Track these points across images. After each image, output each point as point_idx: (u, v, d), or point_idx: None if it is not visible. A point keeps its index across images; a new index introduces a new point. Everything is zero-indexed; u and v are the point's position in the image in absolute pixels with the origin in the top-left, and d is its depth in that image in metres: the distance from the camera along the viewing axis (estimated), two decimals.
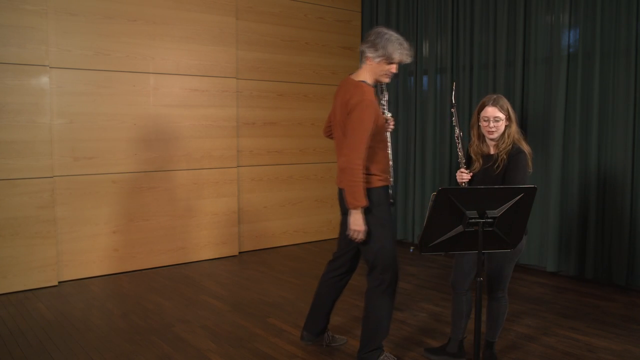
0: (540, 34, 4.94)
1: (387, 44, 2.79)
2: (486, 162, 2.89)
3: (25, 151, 4.42)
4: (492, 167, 2.84)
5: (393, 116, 3.19)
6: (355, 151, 2.74)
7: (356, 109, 2.76)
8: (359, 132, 2.75)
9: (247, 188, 5.78)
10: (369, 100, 2.79)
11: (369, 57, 2.85)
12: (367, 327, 2.98)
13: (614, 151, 4.53)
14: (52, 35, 4.51)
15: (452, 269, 3.11)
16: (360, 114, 2.76)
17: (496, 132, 2.82)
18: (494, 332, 3.05)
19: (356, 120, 2.76)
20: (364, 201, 2.77)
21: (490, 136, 2.84)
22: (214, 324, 3.75)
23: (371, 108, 2.78)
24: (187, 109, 5.26)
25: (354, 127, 2.77)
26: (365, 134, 2.75)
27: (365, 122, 2.75)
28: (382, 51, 2.80)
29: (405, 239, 6.30)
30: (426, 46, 5.95)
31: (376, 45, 2.80)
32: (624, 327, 3.69)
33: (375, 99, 2.89)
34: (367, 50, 2.84)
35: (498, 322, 3.02)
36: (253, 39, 5.69)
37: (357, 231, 2.83)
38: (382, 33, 2.83)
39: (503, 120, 2.81)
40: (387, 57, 2.82)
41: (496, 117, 2.80)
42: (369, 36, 2.87)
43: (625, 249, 4.42)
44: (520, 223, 2.47)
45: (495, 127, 2.80)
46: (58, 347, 3.36)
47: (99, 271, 4.87)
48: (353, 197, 2.75)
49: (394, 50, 2.81)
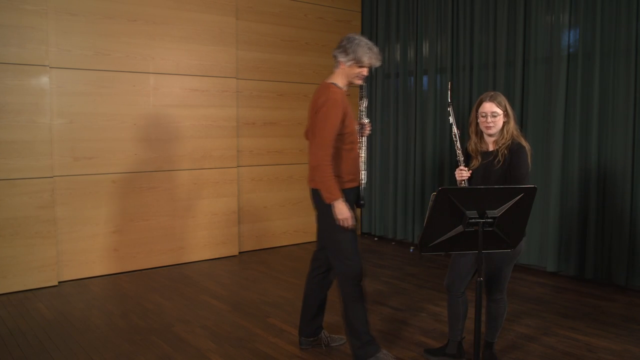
0: (540, 34, 4.94)
1: (357, 49, 2.93)
2: (485, 158, 2.89)
3: (25, 151, 4.42)
4: (492, 162, 2.84)
5: (371, 122, 3.33)
6: (323, 149, 2.88)
7: (322, 108, 2.91)
8: (325, 129, 2.89)
9: (247, 188, 5.78)
10: (335, 99, 2.91)
11: (341, 61, 3.00)
12: (346, 321, 3.07)
13: (614, 151, 4.53)
14: (52, 35, 4.51)
15: (447, 271, 3.11)
16: (327, 112, 2.89)
17: (494, 127, 2.83)
18: (493, 333, 3.05)
19: (322, 118, 2.90)
20: (339, 193, 2.90)
21: (489, 131, 2.85)
22: (214, 324, 3.75)
23: (337, 107, 2.90)
24: (187, 109, 5.26)
25: (320, 125, 2.90)
26: (331, 132, 2.89)
27: (331, 119, 2.88)
28: (353, 55, 2.94)
29: (405, 238, 6.31)
30: (426, 46, 5.95)
31: (347, 49, 2.94)
32: (624, 327, 3.69)
33: (346, 100, 3.00)
34: (338, 54, 3.00)
35: (497, 323, 3.02)
36: (253, 39, 5.70)
37: (344, 219, 2.93)
38: (352, 38, 2.98)
39: (501, 115, 2.83)
40: (357, 61, 2.96)
41: (493, 112, 2.82)
42: (341, 42, 3.02)
43: (625, 249, 4.42)
44: (521, 223, 2.47)
45: (493, 122, 2.82)
46: (58, 347, 3.36)
47: (99, 271, 4.87)
48: (329, 192, 2.90)
49: (363, 54, 2.94)
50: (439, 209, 2.34)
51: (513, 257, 2.87)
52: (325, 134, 2.88)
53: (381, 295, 4.35)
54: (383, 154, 6.50)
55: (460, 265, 2.99)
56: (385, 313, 3.94)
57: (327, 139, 2.88)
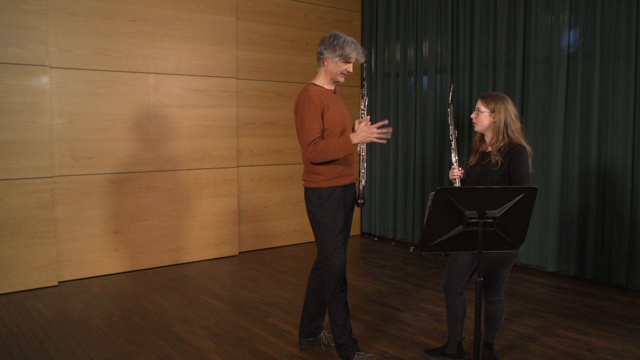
0: (540, 34, 4.94)
1: (345, 45, 2.97)
2: (484, 158, 2.94)
3: (25, 151, 4.42)
4: (489, 164, 2.89)
5: (371, 117, 3.36)
6: (307, 145, 2.90)
7: (297, 109, 2.98)
8: (304, 128, 2.91)
9: (247, 188, 5.78)
10: (307, 97, 2.94)
11: (327, 57, 3.01)
12: (328, 314, 3.12)
13: (614, 151, 4.53)
14: (52, 35, 4.51)
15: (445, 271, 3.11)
16: (301, 111, 2.93)
17: (478, 124, 2.94)
18: (492, 334, 3.05)
19: (299, 119, 2.95)
20: (346, 140, 2.90)
21: (475, 127, 2.97)
22: (214, 324, 3.75)
23: (310, 103, 2.93)
24: (187, 109, 5.26)
25: (298, 126, 2.96)
26: (311, 127, 2.90)
27: (307, 116, 2.91)
28: (340, 51, 2.97)
29: (405, 239, 6.31)
30: (426, 46, 5.95)
31: (334, 46, 2.98)
32: (624, 327, 3.69)
33: (323, 96, 2.99)
34: (324, 50, 3.01)
35: (496, 324, 3.02)
36: (253, 39, 5.70)
37: (369, 137, 2.93)
38: (337, 35, 3.01)
39: (486, 113, 2.90)
40: (345, 57, 2.99)
41: (478, 108, 2.93)
42: (325, 39, 3.03)
43: (625, 249, 4.42)
44: (523, 223, 2.47)
45: (476, 119, 2.94)
46: (58, 347, 3.36)
47: (99, 271, 4.87)
48: (342, 150, 2.90)
49: (351, 51, 2.99)
50: (438, 209, 2.34)
51: (510, 259, 2.87)
52: (305, 131, 2.91)
53: (381, 295, 4.35)
54: (383, 153, 6.50)
55: (458, 266, 2.99)
56: (385, 313, 3.94)
57: (309, 134, 2.90)
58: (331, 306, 3.06)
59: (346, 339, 3.05)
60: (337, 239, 3.02)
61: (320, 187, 3.00)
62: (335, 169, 3.02)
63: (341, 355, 3.06)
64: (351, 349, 3.04)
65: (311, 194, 3.04)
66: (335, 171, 3.02)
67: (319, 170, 3.00)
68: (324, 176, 3.01)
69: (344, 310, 3.06)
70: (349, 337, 3.06)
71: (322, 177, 3.00)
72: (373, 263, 5.40)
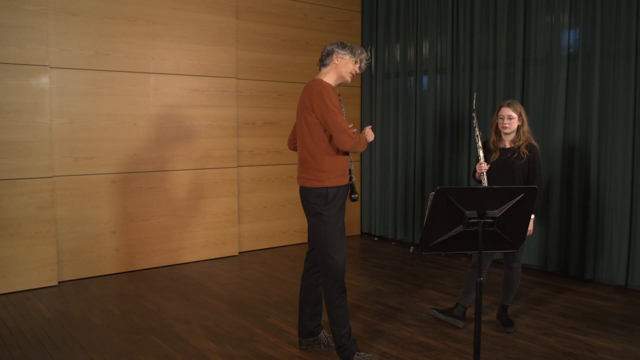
0: (540, 34, 4.94)
1: (354, 48, 3.14)
2: (504, 154, 3.50)
3: (25, 151, 4.42)
4: (511, 158, 3.47)
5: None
6: (344, 133, 2.93)
7: (320, 96, 2.95)
8: (335, 114, 2.93)
9: (247, 188, 5.78)
10: (332, 88, 3.01)
11: (338, 55, 3.10)
12: (328, 315, 3.14)
13: (614, 151, 4.53)
14: (52, 35, 4.51)
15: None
16: (328, 97, 2.94)
17: (509, 128, 3.49)
18: (508, 297, 3.62)
19: (326, 104, 2.94)
20: (363, 142, 3.05)
21: (505, 131, 3.50)
22: (214, 324, 3.75)
23: (335, 93, 3.00)
24: (187, 109, 5.26)
25: (327, 111, 2.94)
26: (340, 114, 2.95)
27: (335, 104, 2.95)
28: (350, 51, 3.12)
29: (405, 239, 6.31)
30: (426, 46, 5.95)
31: (345, 46, 3.13)
32: (624, 327, 3.69)
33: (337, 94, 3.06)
34: (336, 49, 3.12)
35: (512, 288, 3.60)
36: (253, 39, 5.69)
37: (370, 140, 3.17)
38: (345, 43, 3.16)
39: (515, 119, 3.48)
40: (355, 56, 3.14)
41: (509, 115, 3.48)
42: (334, 43, 3.15)
43: (625, 249, 4.43)
44: (523, 223, 2.47)
45: (509, 124, 3.48)
46: (58, 347, 3.36)
47: (99, 271, 4.87)
48: (364, 147, 3.07)
49: (361, 52, 3.16)
50: (438, 209, 2.34)
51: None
52: (339, 117, 2.94)
53: (381, 295, 4.35)
54: (383, 154, 6.50)
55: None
56: (385, 313, 3.94)
57: (344, 121, 2.95)
58: (331, 306, 3.06)
59: (346, 339, 3.05)
60: (341, 237, 3.06)
61: (324, 187, 3.02)
62: (340, 167, 3.06)
63: (341, 355, 3.06)
64: (351, 349, 3.05)
65: (314, 194, 3.04)
66: (339, 169, 3.06)
67: (325, 167, 3.01)
68: (328, 174, 3.02)
69: (344, 310, 3.07)
70: (348, 337, 3.06)
71: (327, 175, 3.01)
72: (373, 263, 5.40)
